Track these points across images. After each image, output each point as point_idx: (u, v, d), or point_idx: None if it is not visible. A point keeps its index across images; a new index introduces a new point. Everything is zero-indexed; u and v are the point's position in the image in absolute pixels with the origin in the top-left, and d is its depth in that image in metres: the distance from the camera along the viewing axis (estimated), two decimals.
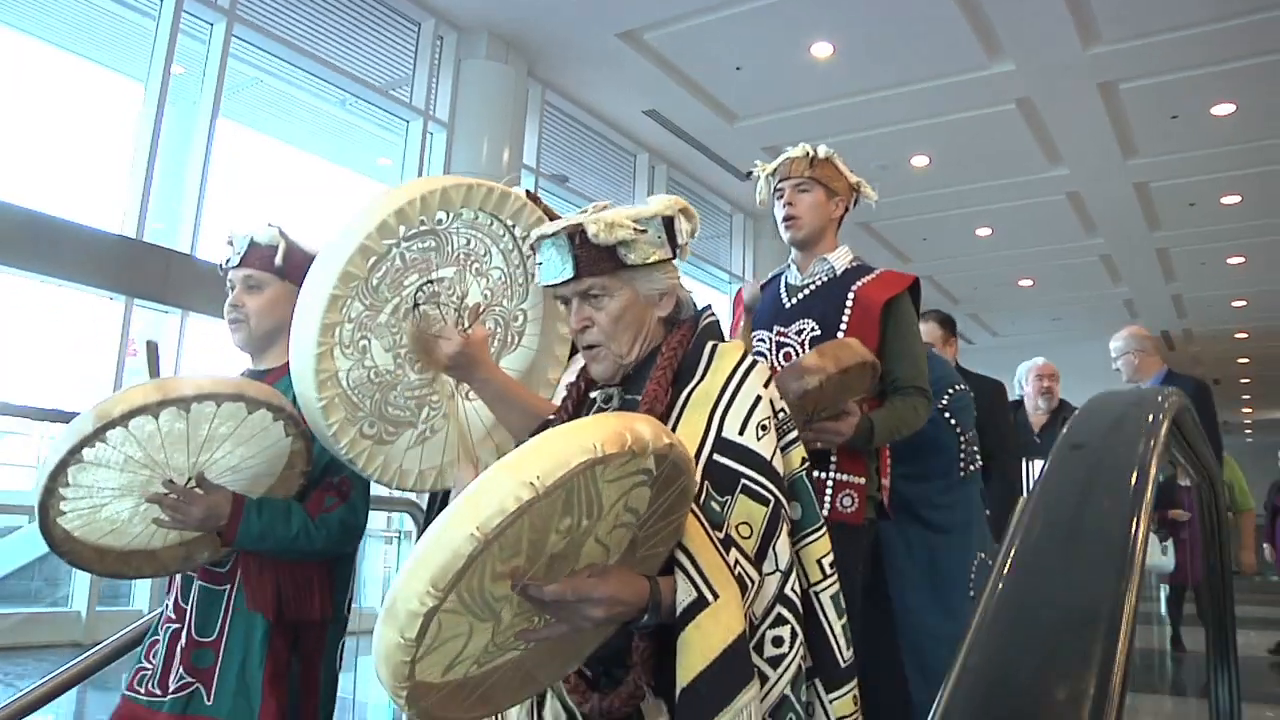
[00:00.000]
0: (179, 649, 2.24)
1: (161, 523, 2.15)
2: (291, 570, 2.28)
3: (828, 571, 1.55)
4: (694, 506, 1.40)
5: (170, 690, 2.21)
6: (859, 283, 2.50)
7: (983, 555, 2.97)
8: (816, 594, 1.53)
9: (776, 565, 1.46)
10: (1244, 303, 14.26)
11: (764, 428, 1.51)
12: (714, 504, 1.47)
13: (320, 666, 2.36)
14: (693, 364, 1.60)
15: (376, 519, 6.23)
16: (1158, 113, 8.63)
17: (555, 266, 1.59)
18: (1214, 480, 2.12)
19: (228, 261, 2.42)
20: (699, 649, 1.33)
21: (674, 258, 1.62)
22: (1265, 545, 7.07)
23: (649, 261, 1.59)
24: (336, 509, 2.28)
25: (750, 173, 2.78)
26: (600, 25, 7.55)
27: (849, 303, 2.47)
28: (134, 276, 5.84)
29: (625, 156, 9.83)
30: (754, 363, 1.58)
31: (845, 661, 1.53)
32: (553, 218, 2.04)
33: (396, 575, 1.19)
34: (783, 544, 1.47)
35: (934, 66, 8.05)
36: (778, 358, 2.47)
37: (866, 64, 8.01)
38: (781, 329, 2.51)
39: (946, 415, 3.02)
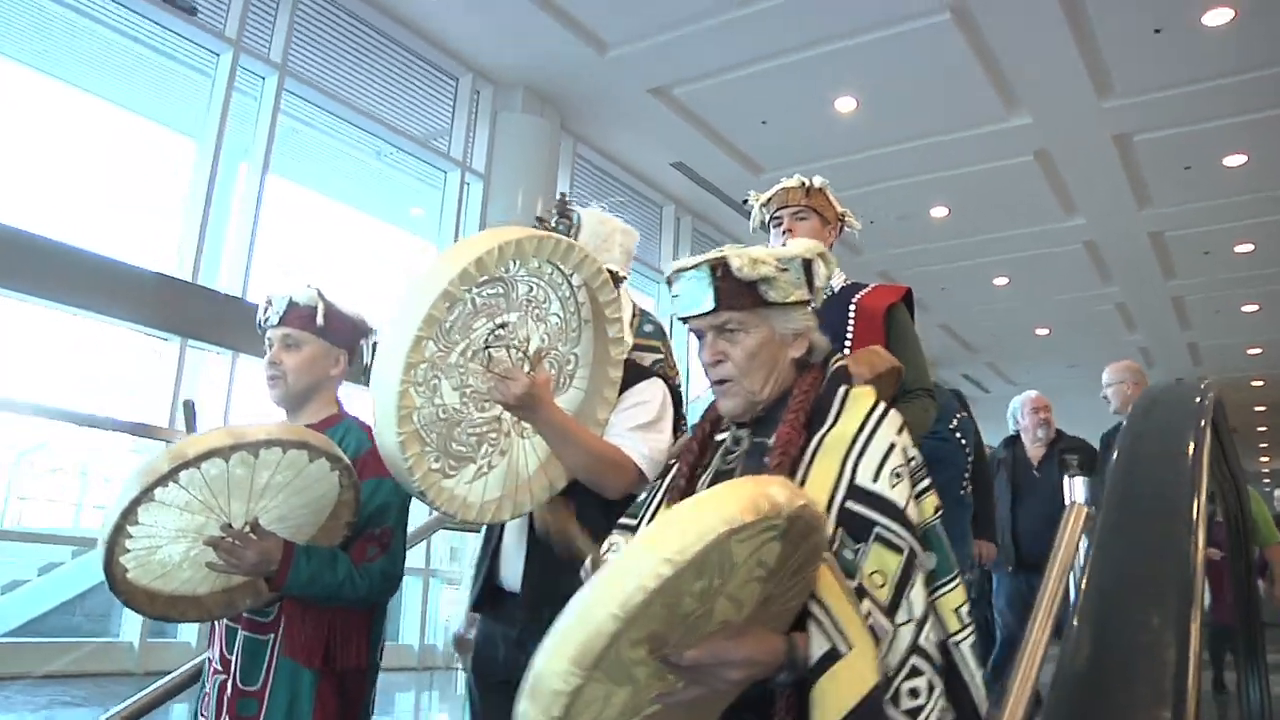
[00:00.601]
0: (225, 699, 2.29)
1: (215, 566, 2.20)
2: (333, 618, 2.32)
3: (965, 621, 1.52)
4: (828, 555, 1.38)
5: None
6: (857, 295, 2.60)
7: (968, 576, 3.08)
8: (956, 645, 1.51)
9: (910, 615, 1.42)
10: (1259, 350, 14.41)
11: (898, 475, 1.49)
12: (847, 552, 1.44)
13: (359, 712, 2.40)
14: (825, 408, 1.57)
15: (415, 557, 6.37)
16: (1172, 163, 8.87)
17: (694, 298, 1.59)
18: (1237, 477, 2.26)
19: (266, 321, 2.48)
20: (834, 702, 1.32)
21: (809, 301, 1.62)
22: (1260, 581, 7.04)
23: (788, 301, 1.59)
24: (378, 559, 2.34)
25: (745, 201, 2.82)
26: (632, 80, 7.85)
27: (851, 313, 2.56)
28: (188, 318, 6.08)
29: (652, 208, 10.09)
30: (887, 409, 1.55)
31: (985, 713, 1.50)
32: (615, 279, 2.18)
33: (538, 653, 1.20)
34: (917, 593, 1.44)
35: (954, 120, 8.31)
36: None
37: (889, 118, 8.27)
38: None
39: (958, 435, 3.17)
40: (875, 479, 1.47)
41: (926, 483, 1.54)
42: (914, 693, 1.38)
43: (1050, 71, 7.53)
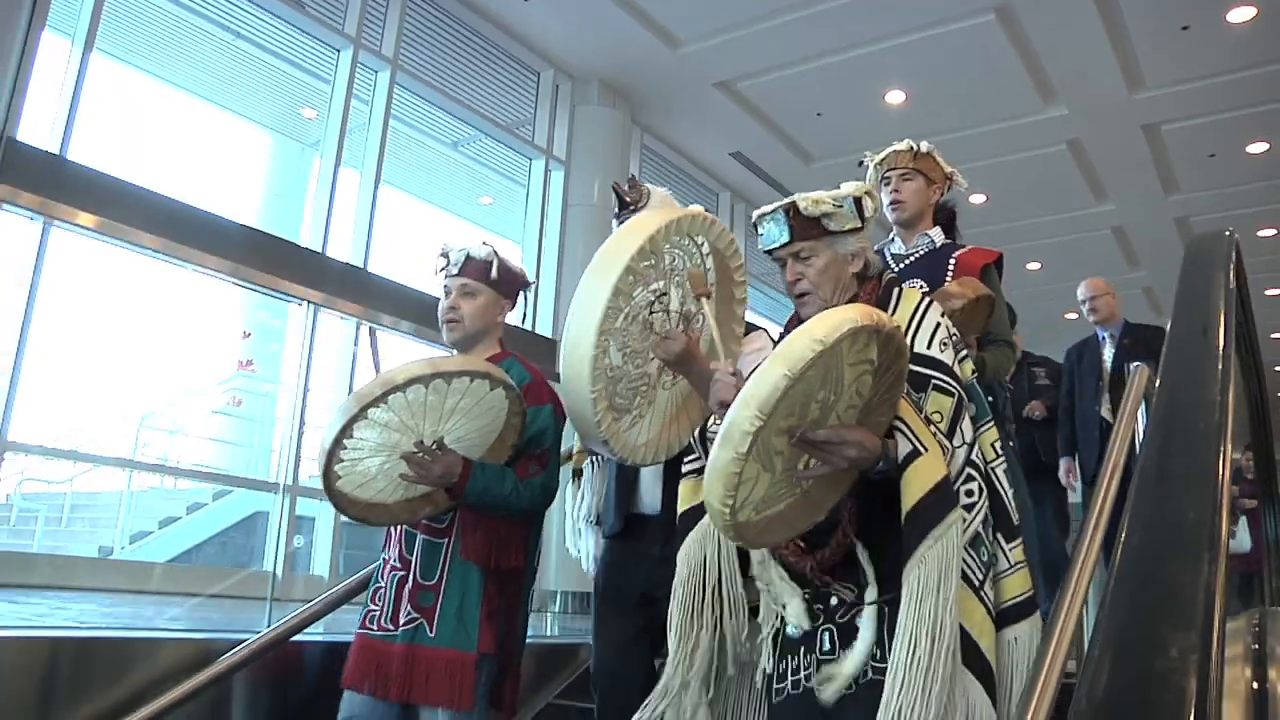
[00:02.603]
0: (406, 590, 2.59)
1: (406, 477, 2.50)
2: (499, 526, 2.62)
3: (999, 452, 1.92)
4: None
5: (400, 625, 2.56)
6: (957, 252, 2.92)
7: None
8: (992, 470, 1.88)
9: (963, 440, 1.82)
10: None
11: (944, 344, 1.89)
12: (912, 398, 1.81)
13: (519, 607, 2.72)
14: (884, 303, 1.95)
15: None
16: (1197, 152, 9.39)
17: (774, 234, 1.99)
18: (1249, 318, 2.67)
19: (445, 272, 2.74)
20: (917, 484, 1.70)
21: (862, 228, 1.99)
22: None
23: (845, 229, 1.97)
24: (539, 475, 2.66)
25: (861, 162, 3.13)
26: (700, 75, 8.49)
27: (951, 266, 2.88)
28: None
29: (709, 196, 10.75)
30: (931, 301, 1.97)
31: (1016, 521, 1.88)
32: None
33: (729, 410, 1.56)
34: (966, 425, 1.83)
35: (994, 112, 8.86)
36: None
37: (935, 110, 8.83)
38: None
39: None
40: (929, 346, 1.88)
41: (965, 352, 1.96)
42: (969, 493, 1.79)
43: (1085, 66, 8.08)
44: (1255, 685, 1.69)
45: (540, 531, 2.80)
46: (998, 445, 1.92)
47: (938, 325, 1.91)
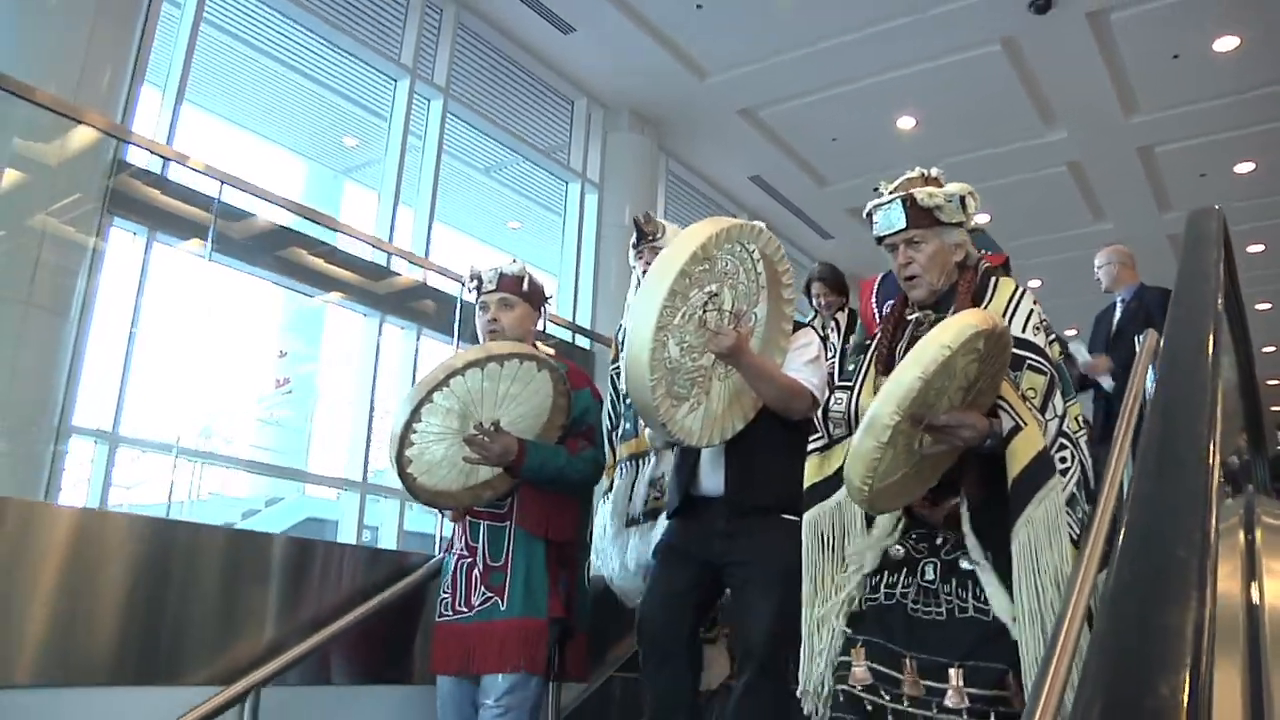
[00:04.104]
0: (476, 575, 2.75)
1: (469, 459, 2.64)
2: (555, 502, 2.81)
3: (1083, 424, 2.03)
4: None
5: (475, 607, 2.73)
6: None
7: None
8: (1078, 440, 1.98)
9: (1055, 413, 1.94)
10: (1273, 349, 14.94)
11: (1037, 328, 2.03)
12: (1010, 377, 1.94)
13: (578, 577, 2.92)
14: (982, 291, 2.10)
15: None
16: (1188, 172, 9.82)
17: (891, 220, 2.15)
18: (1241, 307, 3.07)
19: (480, 289, 2.91)
20: (1020, 455, 1.85)
21: (964, 223, 2.15)
22: None
23: (952, 221, 2.12)
24: (588, 450, 2.86)
25: (876, 188, 3.56)
26: (725, 103, 8.97)
27: None
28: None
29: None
30: (1025, 290, 2.11)
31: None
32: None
33: (871, 406, 1.75)
34: (1057, 400, 1.96)
35: (999, 135, 9.31)
36: None
37: (943, 134, 9.29)
38: None
39: None
40: (1023, 330, 2.02)
41: (1054, 336, 2.11)
42: (1063, 459, 1.91)
43: (1083, 92, 8.54)
44: (1244, 537, 2.11)
45: (590, 504, 3.01)
46: (1081, 419, 2.08)
47: (1030, 312, 2.08)
